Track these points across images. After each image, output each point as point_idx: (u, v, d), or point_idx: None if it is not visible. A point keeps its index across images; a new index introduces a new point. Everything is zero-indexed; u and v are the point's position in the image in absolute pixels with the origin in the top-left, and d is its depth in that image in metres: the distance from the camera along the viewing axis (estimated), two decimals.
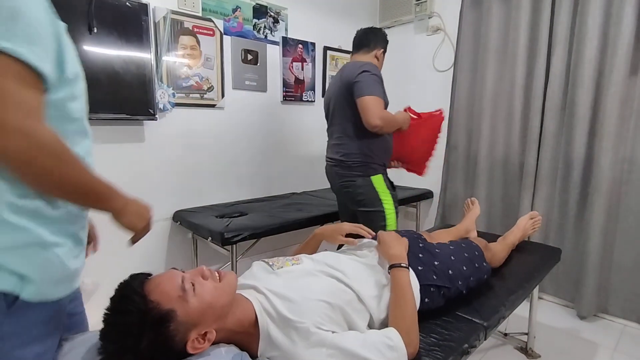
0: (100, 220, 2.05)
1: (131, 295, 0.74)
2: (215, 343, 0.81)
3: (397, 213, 1.88)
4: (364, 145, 1.80)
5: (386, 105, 1.79)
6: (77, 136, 0.74)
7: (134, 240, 0.89)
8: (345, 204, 1.99)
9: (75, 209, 0.74)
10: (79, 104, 0.74)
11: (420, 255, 1.22)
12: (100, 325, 0.75)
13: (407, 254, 1.14)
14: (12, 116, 0.58)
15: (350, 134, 1.81)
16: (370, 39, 1.91)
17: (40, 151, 0.61)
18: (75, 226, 0.75)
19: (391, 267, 1.07)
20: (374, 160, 1.82)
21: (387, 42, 1.96)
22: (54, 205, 0.69)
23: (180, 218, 2.15)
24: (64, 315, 0.79)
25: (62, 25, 0.70)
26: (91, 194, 0.72)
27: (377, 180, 1.83)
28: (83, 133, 0.77)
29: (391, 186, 1.89)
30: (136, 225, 0.83)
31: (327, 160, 1.97)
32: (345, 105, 1.79)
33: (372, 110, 1.66)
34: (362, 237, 1.27)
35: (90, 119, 1.96)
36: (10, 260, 0.65)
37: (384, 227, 1.82)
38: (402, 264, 1.06)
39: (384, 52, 1.95)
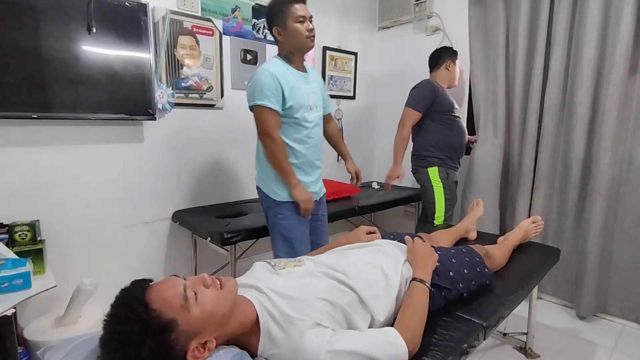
0: (102, 222, 2.04)
1: (133, 303, 0.73)
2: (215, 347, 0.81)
3: (450, 204, 2.35)
4: (424, 142, 2.37)
5: (449, 108, 2.32)
6: (300, 128, 1.65)
7: (304, 213, 1.66)
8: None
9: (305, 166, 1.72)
10: (300, 116, 1.64)
11: None
12: (98, 326, 0.75)
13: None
14: (272, 131, 1.58)
15: (414, 135, 2.41)
16: (439, 57, 2.43)
17: (274, 146, 1.58)
18: (307, 171, 1.73)
19: (414, 279, 1.09)
20: (433, 154, 2.34)
21: (454, 52, 2.45)
22: (299, 169, 1.68)
23: (180, 218, 2.15)
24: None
25: (288, 84, 1.59)
26: (283, 171, 1.62)
27: (433, 172, 2.33)
28: (303, 127, 1.66)
29: (447, 178, 2.33)
30: (299, 197, 1.63)
31: None
32: None
33: (403, 117, 2.33)
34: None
35: (89, 119, 1.96)
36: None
37: (433, 214, 2.33)
38: (425, 283, 1.07)
39: (453, 61, 2.42)
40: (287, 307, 0.86)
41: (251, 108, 1.61)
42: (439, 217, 2.31)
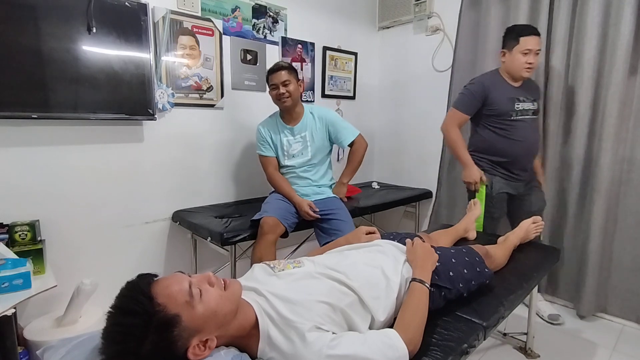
0: (102, 222, 2.04)
1: (138, 295, 0.73)
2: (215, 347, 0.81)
3: (489, 217, 2.06)
4: (471, 143, 2.20)
5: (504, 111, 1.98)
6: (281, 168, 2.18)
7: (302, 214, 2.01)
8: None
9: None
10: (281, 161, 2.16)
11: None
12: (98, 326, 0.75)
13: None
14: (265, 170, 2.18)
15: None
16: (502, 43, 2.05)
17: (269, 179, 2.18)
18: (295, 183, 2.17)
19: (413, 279, 1.08)
20: (480, 159, 2.11)
21: (512, 36, 1.97)
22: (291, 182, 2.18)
23: (180, 218, 2.15)
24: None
25: (269, 135, 2.13)
26: (283, 194, 2.11)
27: None
28: (281, 167, 2.18)
29: (491, 187, 2.06)
30: (298, 205, 2.01)
31: None
32: None
33: (446, 119, 2.17)
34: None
35: (89, 119, 1.96)
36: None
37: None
38: (425, 283, 1.07)
39: (510, 48, 1.98)
40: (286, 310, 0.86)
41: None
42: (478, 226, 2.04)
